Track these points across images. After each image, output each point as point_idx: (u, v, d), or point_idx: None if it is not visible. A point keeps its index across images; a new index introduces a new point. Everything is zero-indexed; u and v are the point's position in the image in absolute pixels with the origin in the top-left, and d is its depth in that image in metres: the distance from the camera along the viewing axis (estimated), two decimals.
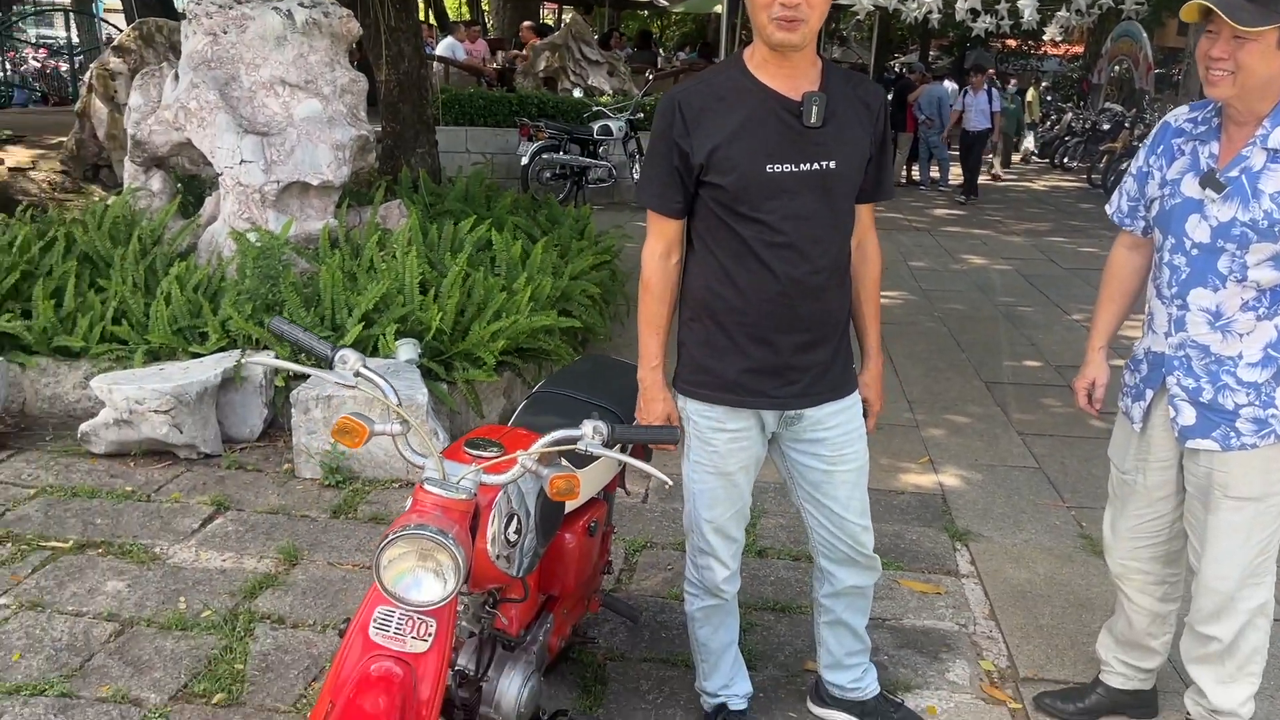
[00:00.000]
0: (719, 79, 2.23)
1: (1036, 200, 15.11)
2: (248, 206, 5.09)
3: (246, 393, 4.43)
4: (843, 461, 2.44)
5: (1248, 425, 2.31)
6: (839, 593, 2.61)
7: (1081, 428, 5.15)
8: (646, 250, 2.33)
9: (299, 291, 4.59)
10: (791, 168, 2.18)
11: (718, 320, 2.30)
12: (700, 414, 2.37)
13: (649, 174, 2.28)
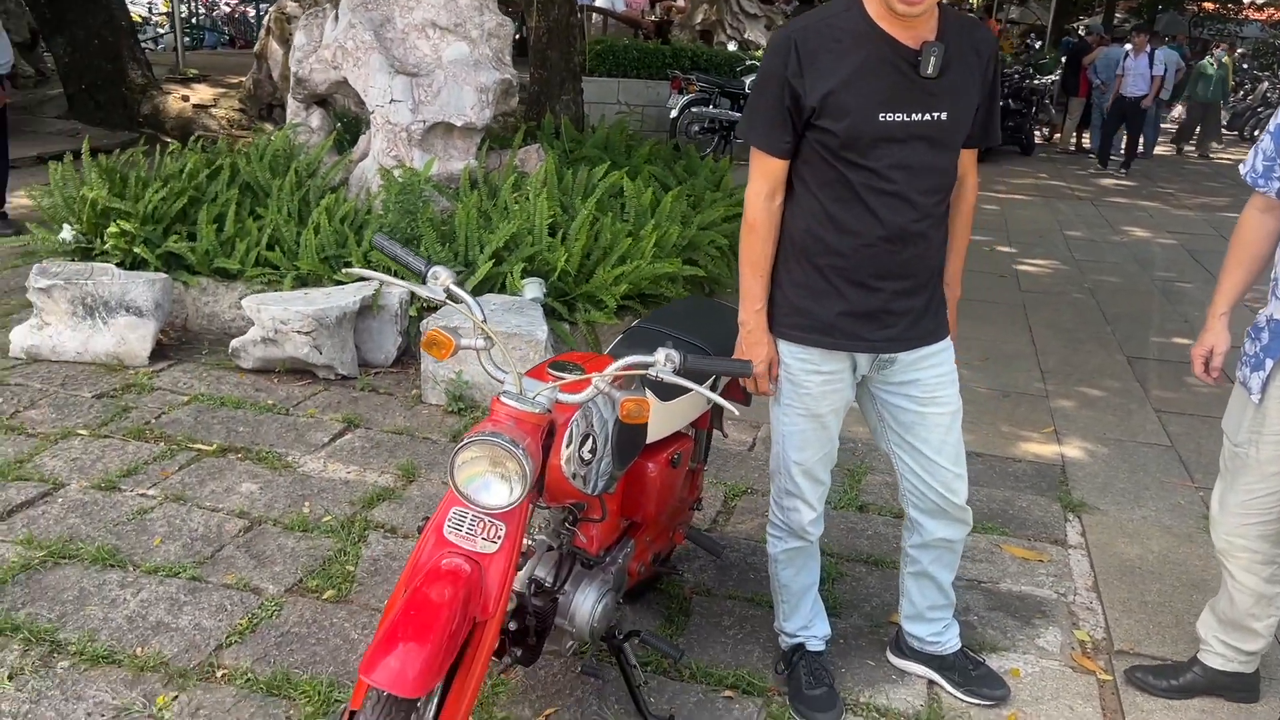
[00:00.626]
0: (837, 20, 2.18)
1: (1216, 174, 14.17)
2: (395, 144, 5.32)
3: (383, 321, 4.67)
4: (934, 404, 2.42)
5: None
6: (927, 544, 2.60)
7: None
8: (751, 191, 2.30)
9: (436, 227, 4.79)
10: (904, 117, 2.16)
11: (816, 263, 2.30)
12: (794, 356, 2.37)
13: (757, 112, 2.22)
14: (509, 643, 2.20)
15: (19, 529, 3.18)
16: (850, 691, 2.70)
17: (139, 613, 2.81)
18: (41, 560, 3.01)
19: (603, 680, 2.57)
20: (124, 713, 2.43)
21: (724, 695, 2.66)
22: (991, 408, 4.81)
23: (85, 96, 10.56)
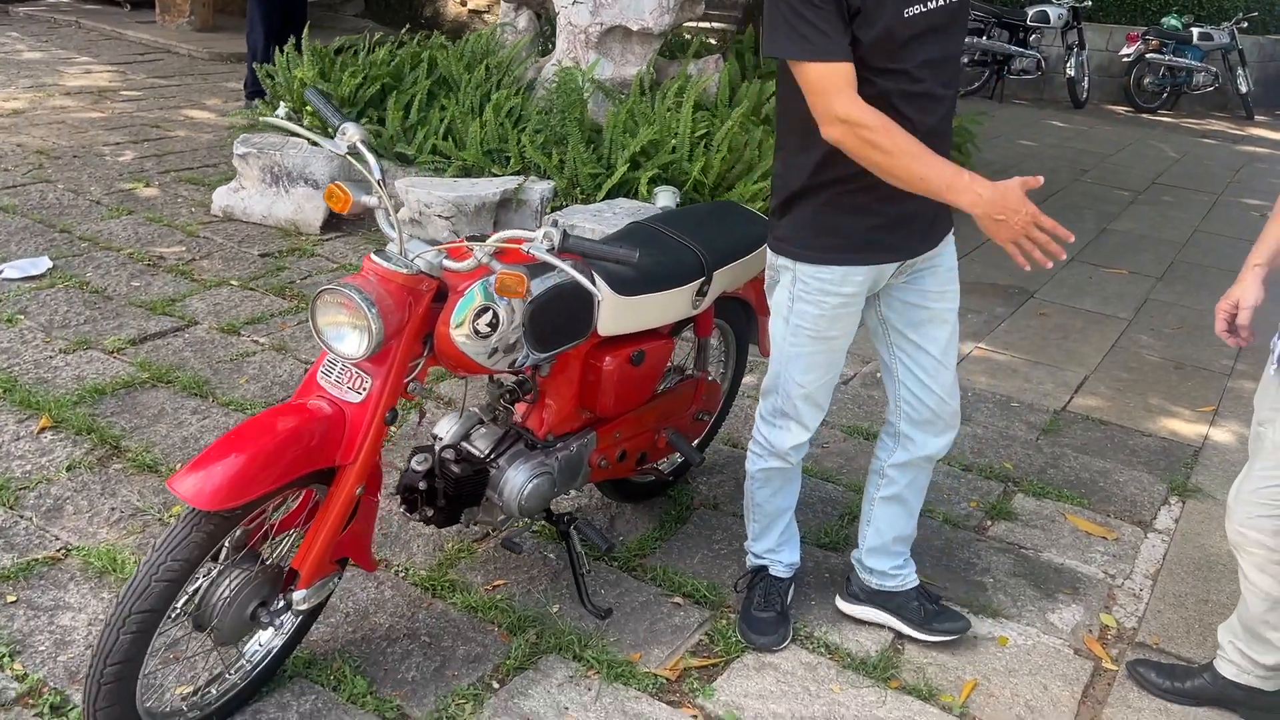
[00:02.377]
0: None
1: None
2: (574, 46, 5.43)
3: (524, 214, 4.84)
4: (944, 299, 2.35)
5: None
6: (910, 462, 2.46)
7: None
8: (848, 110, 1.93)
9: (582, 129, 4.88)
10: (922, 8, 2.02)
11: (846, 182, 2.15)
12: (814, 275, 2.24)
13: (810, 23, 1.92)
14: (421, 501, 2.31)
15: (142, 354, 3.65)
16: (808, 624, 2.59)
17: (195, 435, 3.16)
18: (143, 381, 3.45)
19: (520, 552, 2.63)
20: (140, 514, 2.77)
21: (673, 601, 2.64)
22: (1152, 378, 4.30)
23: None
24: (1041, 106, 11.28)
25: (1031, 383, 4.16)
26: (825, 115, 1.97)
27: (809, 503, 3.10)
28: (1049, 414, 3.89)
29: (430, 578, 2.61)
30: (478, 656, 2.37)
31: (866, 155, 1.98)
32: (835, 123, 1.96)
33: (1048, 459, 3.53)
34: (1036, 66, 11.23)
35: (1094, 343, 4.65)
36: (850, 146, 1.98)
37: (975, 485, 3.32)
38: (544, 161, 4.88)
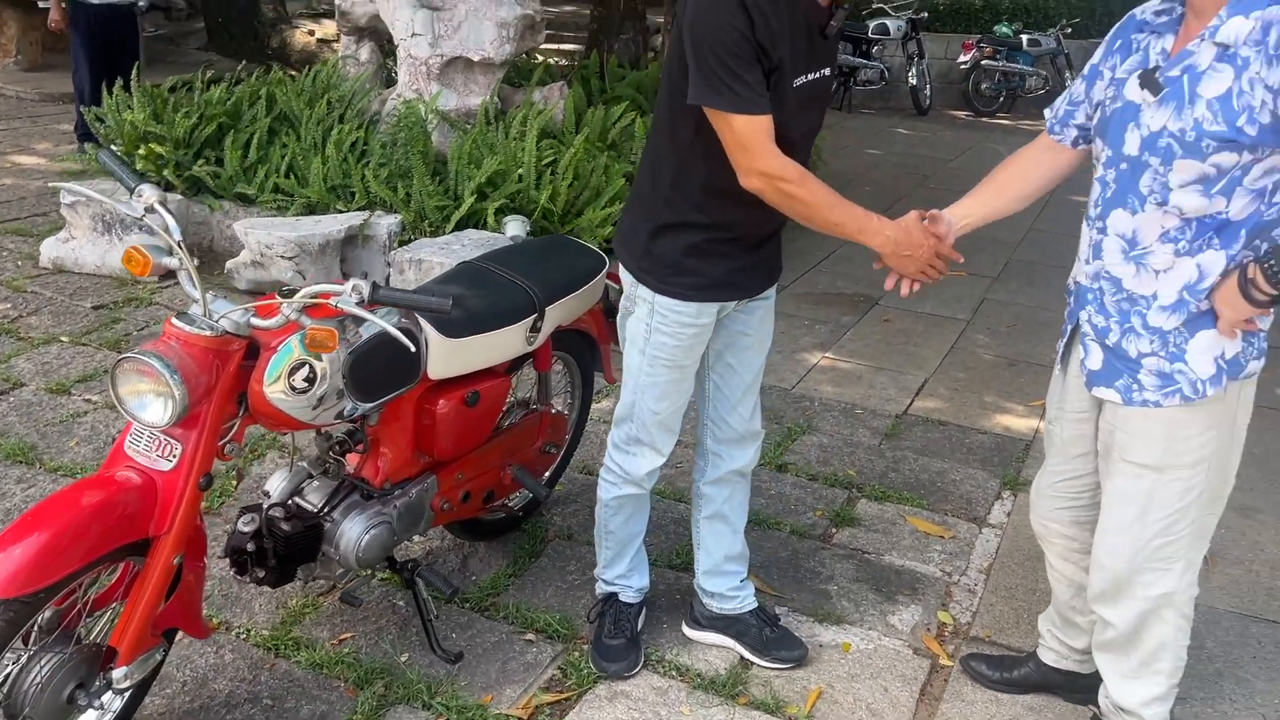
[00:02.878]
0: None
1: None
2: (416, 78, 5.39)
3: (371, 250, 4.79)
4: (764, 329, 2.46)
5: (1151, 379, 1.94)
6: (722, 478, 2.55)
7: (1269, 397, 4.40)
8: (769, 164, 2.01)
9: (426, 161, 4.85)
10: (807, 78, 2.12)
11: (712, 227, 2.22)
12: (673, 309, 2.28)
13: (739, 78, 1.96)
14: (251, 562, 2.26)
15: None
16: (659, 648, 2.63)
17: (19, 507, 3.02)
18: None
19: (359, 605, 2.61)
20: None
21: (526, 638, 2.64)
22: (987, 376, 4.51)
23: (221, 30, 11.18)
24: (888, 115, 11.72)
25: (875, 389, 4.32)
26: (748, 167, 2.04)
27: (661, 524, 3.16)
28: (891, 418, 4.04)
29: (273, 637, 2.55)
30: (322, 715, 2.33)
31: (787, 205, 2.08)
32: (757, 175, 2.04)
33: (889, 463, 3.67)
34: (880, 77, 11.67)
35: (934, 345, 4.86)
36: (771, 197, 2.06)
37: (821, 494, 3.43)
38: (389, 196, 4.83)
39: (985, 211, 2.22)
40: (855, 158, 9.19)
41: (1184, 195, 1.83)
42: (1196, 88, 1.80)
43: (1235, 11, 1.77)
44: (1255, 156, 1.79)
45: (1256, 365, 1.98)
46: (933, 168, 8.98)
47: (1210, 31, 1.80)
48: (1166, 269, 1.89)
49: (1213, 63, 1.79)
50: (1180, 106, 1.81)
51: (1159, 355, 1.92)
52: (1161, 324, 1.92)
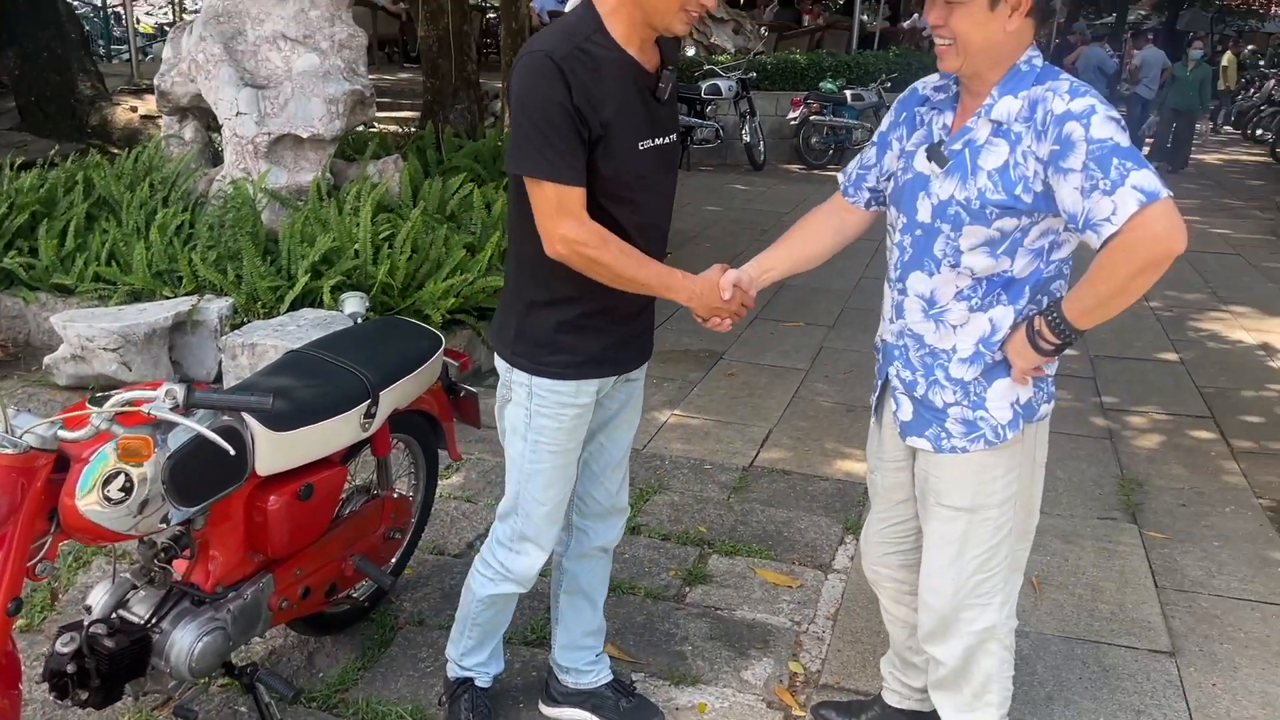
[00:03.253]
0: (589, 46, 2.02)
1: (1202, 174, 13.81)
2: (243, 157, 5.28)
3: (202, 336, 4.63)
4: (633, 405, 2.46)
5: (957, 427, 2.07)
6: (586, 554, 2.53)
7: (1082, 426, 4.71)
8: (570, 231, 2.02)
9: (256, 242, 4.75)
10: (651, 143, 2.14)
11: (584, 302, 2.19)
12: (550, 389, 2.22)
13: (550, 144, 1.98)
14: (73, 684, 2.13)
15: None
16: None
17: None
18: None
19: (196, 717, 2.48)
20: None
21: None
22: (827, 423, 4.68)
23: (35, 108, 10.66)
24: (725, 171, 12.10)
25: (722, 443, 4.42)
26: (551, 234, 2.04)
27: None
28: (738, 471, 4.14)
29: None
30: None
31: (591, 269, 2.08)
32: (559, 241, 2.04)
33: (738, 516, 3.75)
34: (715, 135, 12.05)
35: (776, 396, 5.01)
36: (575, 263, 2.07)
37: (673, 554, 3.47)
38: (218, 279, 4.69)
39: (786, 266, 2.32)
40: (696, 214, 9.45)
41: (974, 257, 1.97)
42: (977, 160, 1.95)
43: (1005, 91, 1.94)
44: (1033, 220, 1.94)
45: (1048, 408, 2.13)
46: (769, 221, 9.30)
47: (985, 109, 1.95)
48: (962, 324, 2.03)
49: (989, 138, 1.94)
50: (964, 178, 1.96)
51: (962, 404, 2.05)
52: (962, 375, 2.04)
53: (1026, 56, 1.95)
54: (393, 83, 14.74)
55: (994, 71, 1.95)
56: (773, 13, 17.12)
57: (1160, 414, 4.91)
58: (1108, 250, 1.83)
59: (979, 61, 1.94)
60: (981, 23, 1.89)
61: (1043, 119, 1.87)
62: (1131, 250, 1.80)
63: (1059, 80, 1.91)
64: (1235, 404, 5.06)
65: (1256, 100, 19.31)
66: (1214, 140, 17.98)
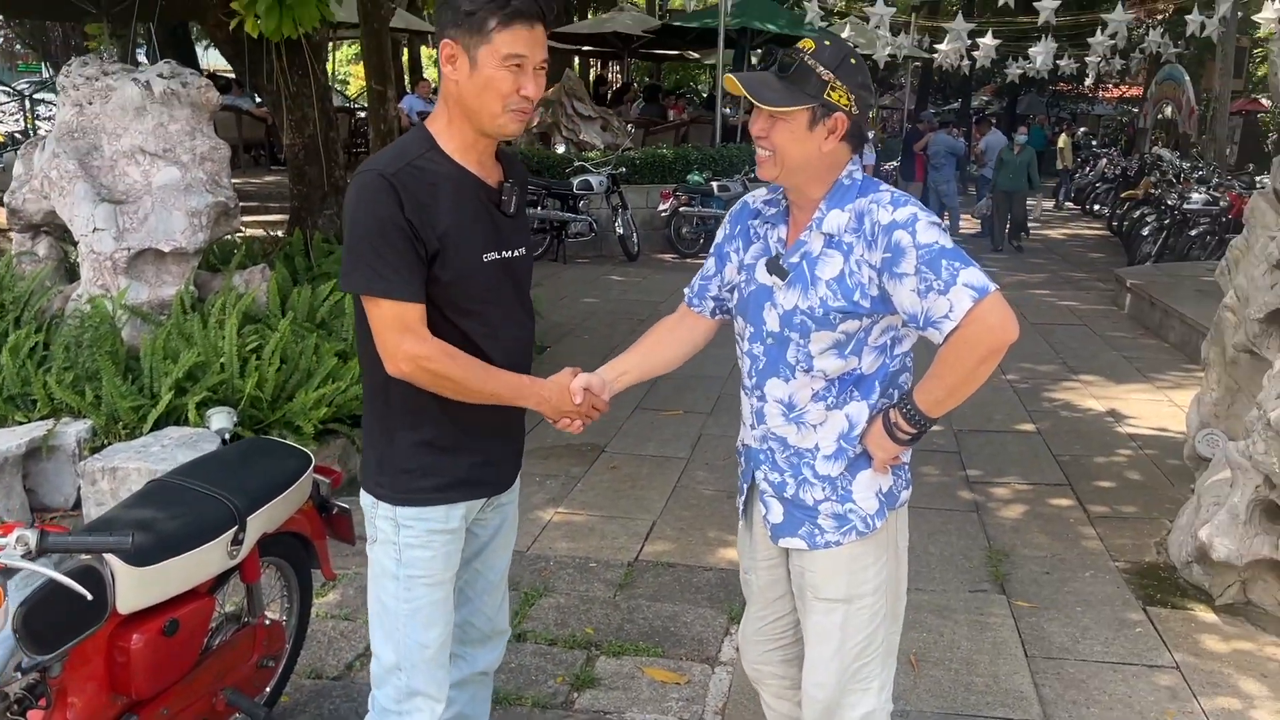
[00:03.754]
0: (422, 163, 2.04)
1: (1048, 249, 14.70)
2: (101, 274, 5.14)
3: (59, 461, 4.44)
4: (507, 527, 2.42)
5: (829, 522, 2.15)
6: (466, 680, 2.46)
7: (950, 500, 4.90)
8: (412, 348, 2.00)
9: (116, 361, 4.60)
10: (496, 255, 2.13)
11: (441, 420, 2.14)
12: (417, 519, 2.15)
13: (384, 260, 1.97)
14: None
15: None
16: None
17: None
18: None
19: None
20: None
21: None
22: (708, 512, 4.74)
23: None
24: (600, 263, 12.30)
25: (607, 539, 4.43)
26: (394, 352, 2.01)
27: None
28: (624, 568, 4.15)
29: None
30: None
31: (438, 385, 2.05)
32: (403, 359, 2.01)
33: (625, 614, 3.75)
34: (590, 228, 12.28)
35: (659, 486, 5.06)
36: (421, 380, 2.04)
37: (560, 659, 3.44)
38: (76, 401, 4.52)
39: (638, 372, 2.38)
40: (573, 307, 9.56)
41: (824, 360, 2.08)
42: (815, 271, 2.07)
43: (832, 205, 2.07)
44: (873, 320, 2.07)
45: (907, 494, 2.24)
46: (645, 310, 9.47)
47: (816, 222, 2.08)
48: (822, 423, 2.12)
49: (824, 249, 2.07)
50: (805, 288, 2.07)
51: (831, 499, 2.13)
52: (829, 471, 2.13)
53: (847, 171, 2.10)
54: (259, 186, 14.59)
55: (815, 186, 2.09)
56: (638, 109, 17.64)
57: (1022, 484, 5.15)
58: (950, 345, 1.96)
59: (796, 175, 2.07)
60: (800, 139, 2.02)
61: (871, 229, 2.01)
62: (972, 343, 1.94)
63: (880, 192, 2.06)
64: (1089, 470, 5.35)
65: (1092, 177, 20.73)
66: (1057, 216, 19.19)
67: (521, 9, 1.98)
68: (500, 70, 1.98)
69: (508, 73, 1.98)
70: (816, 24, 17.80)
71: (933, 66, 26.01)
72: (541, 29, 2.03)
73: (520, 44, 1.99)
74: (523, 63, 2.00)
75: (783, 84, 2.01)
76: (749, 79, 2.03)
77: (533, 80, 2.03)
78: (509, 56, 1.98)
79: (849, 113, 2.03)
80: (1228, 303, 4.35)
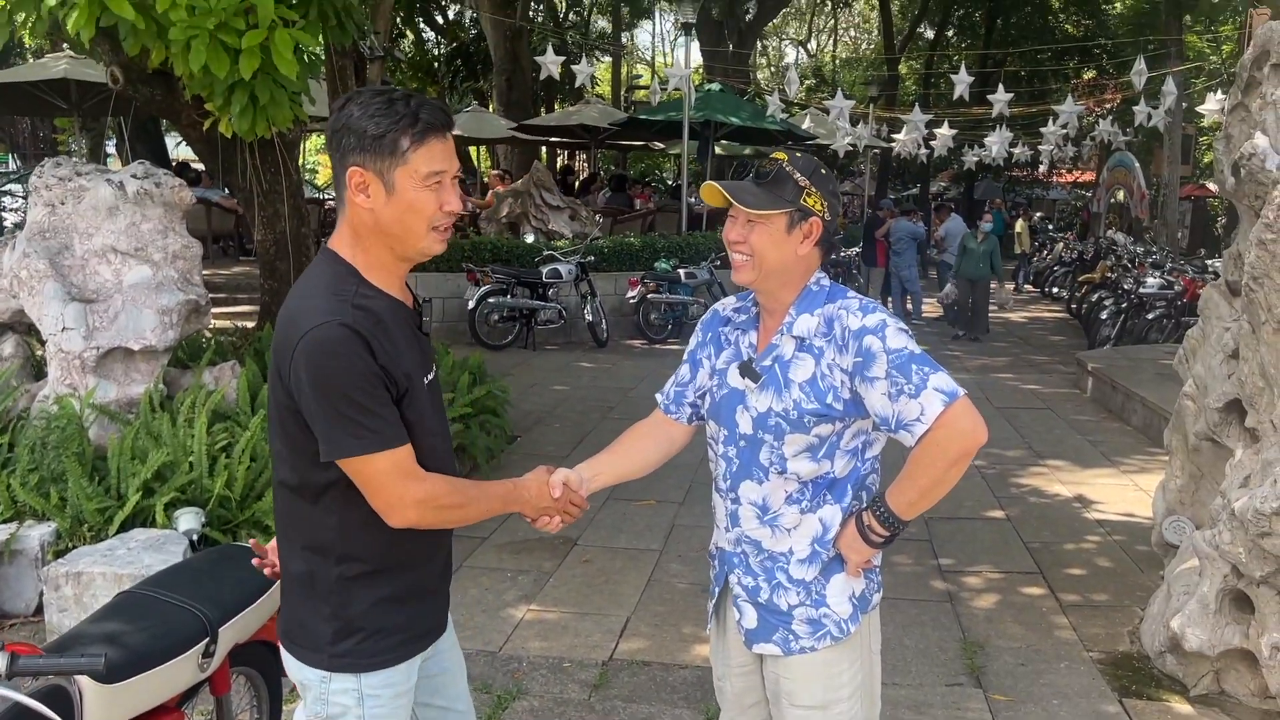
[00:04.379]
0: (362, 300, 1.91)
1: (1009, 333, 14.96)
2: (69, 373, 5.11)
3: (20, 566, 4.35)
4: (455, 652, 2.33)
5: (804, 627, 2.16)
6: None
7: (924, 590, 4.90)
8: (420, 491, 1.92)
9: (82, 462, 4.55)
10: (430, 377, 2.08)
11: (396, 571, 2.02)
12: (384, 685, 2.01)
13: (373, 414, 1.86)
14: None
15: None
16: None
17: None
18: None
19: None
20: None
21: None
22: (683, 606, 4.71)
23: None
24: (570, 349, 12.36)
25: (580, 637, 4.38)
26: (401, 502, 1.90)
27: None
28: (598, 667, 4.10)
29: None
30: None
31: (444, 520, 2.00)
32: (410, 506, 1.91)
33: (600, 717, 3.70)
34: (559, 316, 12.37)
35: (632, 581, 5.02)
36: (429, 520, 1.95)
37: None
38: (40, 504, 4.45)
39: (612, 474, 2.39)
40: (543, 394, 9.57)
41: (798, 463, 2.11)
42: (788, 374, 2.11)
43: (801, 310, 2.14)
44: (845, 424, 2.11)
45: (878, 597, 2.26)
46: (616, 398, 9.50)
47: (787, 326, 2.14)
48: (795, 526, 2.15)
49: (795, 352, 2.12)
50: (779, 390, 2.11)
51: (806, 605, 2.15)
52: (803, 576, 2.15)
53: (816, 278, 2.18)
54: (228, 277, 14.59)
55: (787, 291, 2.15)
56: (605, 198, 17.93)
57: (994, 573, 5.17)
58: (922, 447, 2.01)
59: (771, 279, 2.14)
60: (778, 242, 2.10)
61: (841, 334, 2.07)
62: (943, 446, 1.98)
63: (849, 299, 2.13)
64: (1060, 558, 5.39)
65: (1050, 261, 21.23)
66: (1017, 299, 19.57)
67: (432, 123, 1.89)
68: (421, 191, 1.88)
69: (429, 192, 1.89)
70: (778, 116, 18.32)
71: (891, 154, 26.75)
72: (451, 139, 1.95)
73: (437, 159, 1.90)
74: (442, 178, 1.91)
75: (761, 190, 2.10)
76: (730, 186, 2.11)
77: (453, 193, 1.95)
78: (429, 175, 1.88)
79: (822, 218, 2.11)
80: (1187, 391, 4.45)
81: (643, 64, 45.49)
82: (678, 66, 16.47)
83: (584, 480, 2.31)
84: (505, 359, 11.32)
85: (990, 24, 31.56)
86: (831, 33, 48.15)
